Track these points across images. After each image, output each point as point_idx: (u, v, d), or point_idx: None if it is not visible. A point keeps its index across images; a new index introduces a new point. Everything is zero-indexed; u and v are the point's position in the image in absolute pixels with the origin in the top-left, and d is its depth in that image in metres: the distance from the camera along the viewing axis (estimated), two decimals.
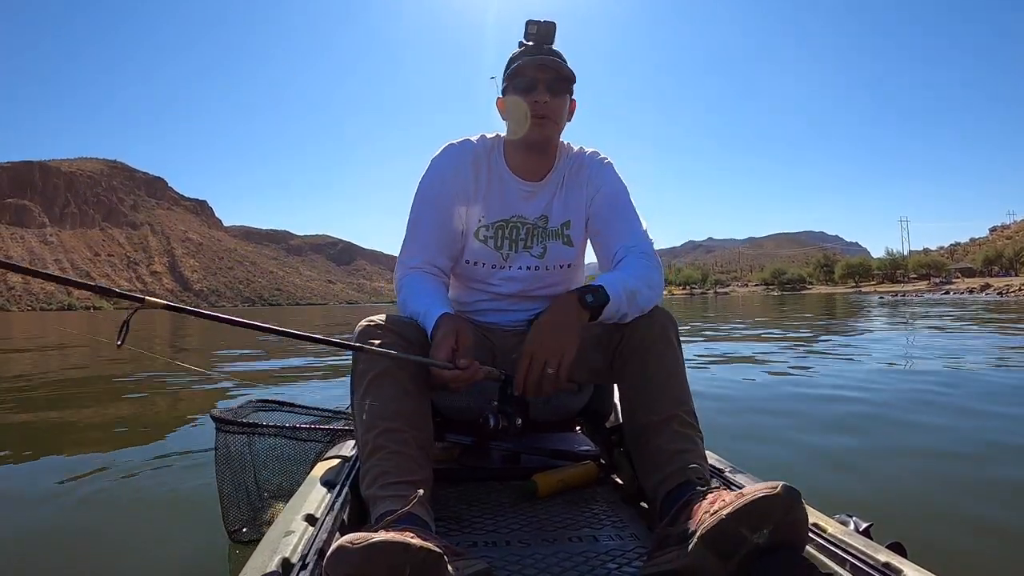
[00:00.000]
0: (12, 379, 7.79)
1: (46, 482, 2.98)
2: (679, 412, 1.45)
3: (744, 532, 1.04)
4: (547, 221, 1.81)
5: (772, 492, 1.05)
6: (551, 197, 1.82)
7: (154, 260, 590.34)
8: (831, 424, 4.15)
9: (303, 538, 1.19)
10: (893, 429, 4.00)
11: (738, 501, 1.06)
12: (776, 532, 1.05)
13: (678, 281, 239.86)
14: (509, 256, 1.80)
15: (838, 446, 3.56)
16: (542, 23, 1.69)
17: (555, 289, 1.82)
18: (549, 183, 1.81)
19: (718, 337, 11.85)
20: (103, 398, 5.64)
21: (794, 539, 1.08)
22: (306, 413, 2.30)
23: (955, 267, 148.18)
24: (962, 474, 3.03)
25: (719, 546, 1.06)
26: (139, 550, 2.17)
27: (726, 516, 1.05)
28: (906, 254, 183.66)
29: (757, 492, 1.06)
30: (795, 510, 1.06)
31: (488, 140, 1.82)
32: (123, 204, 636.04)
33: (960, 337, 10.47)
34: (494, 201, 1.79)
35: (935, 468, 3.14)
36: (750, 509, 1.04)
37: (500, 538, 1.45)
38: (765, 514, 1.04)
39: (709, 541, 1.06)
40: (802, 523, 1.09)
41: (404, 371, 1.46)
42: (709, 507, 1.13)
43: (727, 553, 1.06)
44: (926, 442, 3.64)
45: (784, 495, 1.05)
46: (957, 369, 6.63)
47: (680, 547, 1.13)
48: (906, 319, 16.70)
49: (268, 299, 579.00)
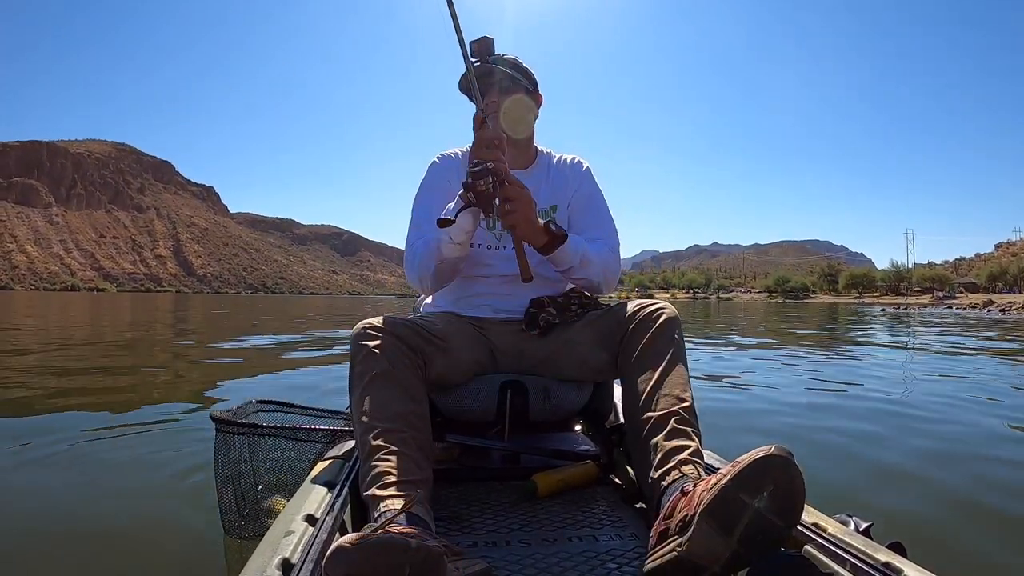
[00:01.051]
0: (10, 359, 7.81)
1: (38, 474, 2.95)
2: (677, 410, 1.44)
3: (744, 498, 1.04)
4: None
5: (767, 453, 1.06)
6: (538, 184, 1.98)
7: (159, 244, 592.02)
8: (833, 424, 4.15)
9: (303, 538, 1.19)
10: (893, 429, 4.00)
11: (735, 468, 1.07)
12: (775, 493, 1.05)
13: (681, 285, 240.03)
14: (503, 236, 1.91)
15: (839, 446, 3.57)
16: (479, 39, 1.78)
17: (544, 266, 1.88)
18: (534, 171, 2.02)
19: (718, 345, 11.83)
20: (100, 390, 5.63)
21: (793, 500, 1.08)
22: (306, 414, 2.30)
23: (959, 282, 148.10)
24: (962, 474, 3.04)
25: (720, 518, 1.06)
26: (135, 546, 2.15)
27: (725, 484, 1.06)
28: (911, 267, 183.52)
29: (753, 456, 1.06)
30: (790, 468, 1.06)
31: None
32: (130, 187, 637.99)
33: (960, 350, 10.46)
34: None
35: (935, 468, 3.14)
36: (747, 473, 1.05)
37: (500, 538, 1.45)
38: (763, 476, 1.05)
39: (711, 513, 1.06)
40: (798, 482, 1.08)
41: (403, 372, 1.48)
42: (705, 486, 1.12)
43: (729, 524, 1.05)
44: (926, 442, 3.65)
45: (778, 454, 1.06)
46: (955, 371, 6.62)
47: (681, 535, 1.12)
48: (908, 333, 16.67)
49: (271, 287, 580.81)
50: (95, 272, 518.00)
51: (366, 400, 1.44)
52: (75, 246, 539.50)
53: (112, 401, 4.86)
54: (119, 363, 7.57)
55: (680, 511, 1.16)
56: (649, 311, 1.63)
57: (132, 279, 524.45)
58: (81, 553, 2.11)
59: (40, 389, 5.49)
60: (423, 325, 1.65)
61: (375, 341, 1.51)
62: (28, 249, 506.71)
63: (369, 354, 1.49)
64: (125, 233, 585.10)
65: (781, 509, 1.06)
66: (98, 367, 7.02)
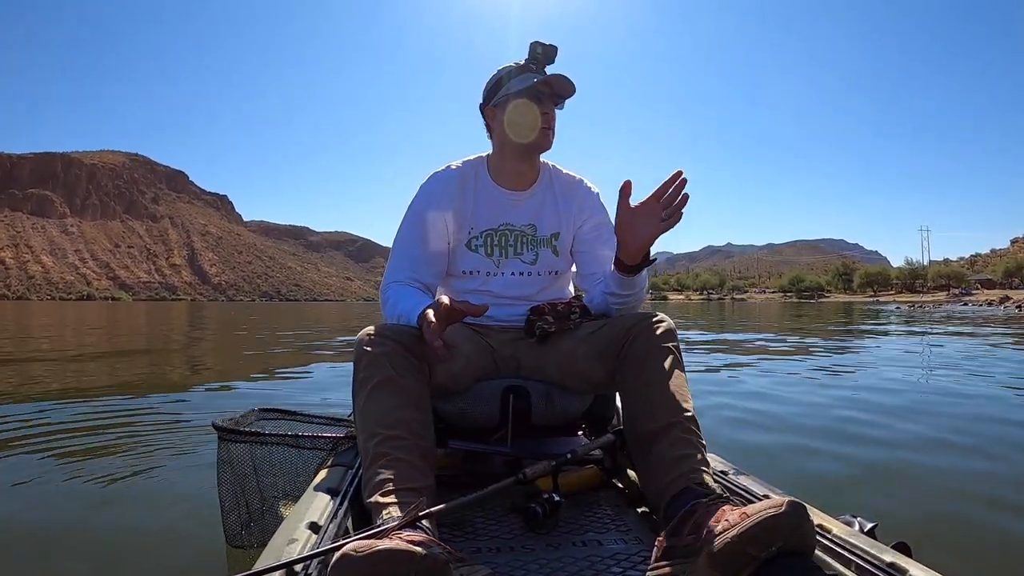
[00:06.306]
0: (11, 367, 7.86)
1: (40, 479, 2.96)
2: (680, 419, 1.43)
3: (752, 552, 1.02)
4: (535, 229, 1.94)
5: (778, 511, 1.02)
6: (539, 206, 1.95)
7: (173, 253, 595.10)
8: (834, 425, 4.14)
9: (307, 546, 1.20)
10: (897, 430, 3.98)
11: (744, 523, 1.04)
12: (785, 547, 1.03)
13: (695, 286, 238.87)
14: (501, 262, 1.91)
15: (841, 447, 3.55)
16: (547, 45, 1.82)
17: (546, 292, 1.94)
18: (536, 193, 1.95)
19: (725, 347, 11.77)
20: (104, 393, 5.66)
21: (803, 551, 1.06)
22: (309, 421, 2.29)
23: (975, 278, 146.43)
24: (967, 474, 3.02)
25: (725, 567, 1.04)
26: (136, 557, 2.15)
27: (732, 539, 1.03)
28: (926, 264, 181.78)
29: (763, 512, 1.03)
30: (803, 525, 1.04)
31: (471, 161, 1.96)
32: (144, 197, 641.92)
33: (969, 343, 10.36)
34: (482, 212, 1.91)
35: (940, 468, 3.13)
36: (757, 531, 1.02)
37: (504, 544, 1.44)
38: (773, 534, 1.02)
39: (715, 562, 1.04)
40: (810, 535, 1.06)
41: (406, 379, 1.48)
42: (714, 525, 1.10)
43: (734, 572, 1.03)
44: (930, 443, 3.64)
45: (790, 511, 1.03)
46: (962, 375, 6.60)
47: (685, 562, 1.12)
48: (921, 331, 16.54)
49: (286, 294, 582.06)
50: (110, 281, 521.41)
51: (369, 407, 1.44)
52: (90, 256, 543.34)
53: (113, 412, 4.86)
54: (118, 370, 7.60)
55: (688, 534, 1.16)
56: (646, 323, 1.62)
57: (147, 288, 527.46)
58: (82, 563, 2.10)
59: (39, 393, 5.51)
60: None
61: (379, 348, 1.51)
62: (44, 259, 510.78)
63: (373, 360, 1.49)
64: (140, 242, 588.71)
65: (791, 554, 1.04)
66: (97, 373, 7.04)
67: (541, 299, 1.91)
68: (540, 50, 1.81)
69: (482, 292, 1.91)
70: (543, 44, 1.81)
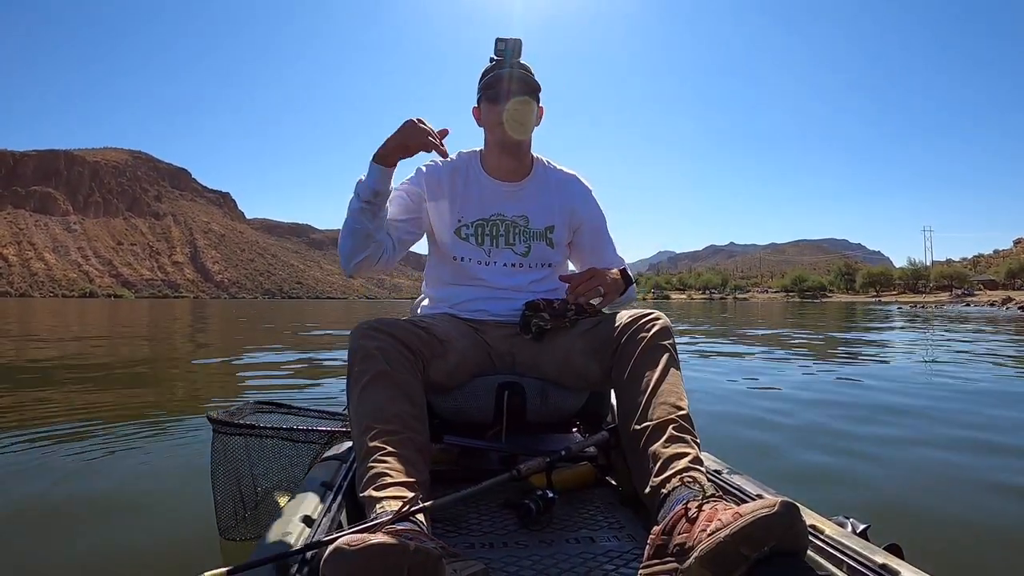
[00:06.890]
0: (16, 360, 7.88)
1: (31, 471, 2.97)
2: (674, 417, 1.44)
3: (744, 552, 1.02)
4: (528, 221, 1.98)
5: (771, 511, 1.03)
6: (532, 199, 2.00)
7: (176, 250, 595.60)
8: (832, 426, 4.13)
9: (300, 539, 1.20)
10: (892, 431, 3.98)
11: (736, 523, 1.04)
12: (777, 548, 1.03)
13: (698, 285, 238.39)
14: (492, 252, 1.95)
15: (837, 447, 3.55)
16: (510, 40, 1.88)
17: (539, 284, 1.97)
18: (528, 185, 2.01)
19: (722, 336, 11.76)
20: (99, 387, 5.66)
21: (796, 551, 1.07)
22: (303, 415, 2.30)
23: (977, 279, 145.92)
24: (959, 476, 3.02)
25: (718, 566, 1.04)
26: (129, 549, 2.14)
27: (724, 539, 1.03)
28: (929, 264, 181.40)
29: (755, 512, 1.04)
30: (795, 525, 1.04)
31: (465, 154, 2.04)
32: (147, 194, 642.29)
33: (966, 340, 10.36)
34: (472, 202, 1.96)
35: (932, 470, 3.13)
36: (749, 531, 1.02)
37: (497, 539, 1.45)
38: (765, 533, 1.02)
39: (707, 562, 1.04)
40: (803, 535, 1.07)
41: (401, 373, 1.49)
42: (706, 525, 1.10)
43: (726, 572, 1.04)
44: (923, 444, 3.63)
45: (783, 512, 1.03)
46: (954, 374, 6.61)
47: (676, 560, 1.12)
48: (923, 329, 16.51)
49: (288, 292, 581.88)
50: (113, 279, 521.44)
51: (364, 401, 1.45)
52: (93, 253, 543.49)
53: (109, 406, 4.85)
54: (114, 368, 7.60)
55: (680, 533, 1.15)
56: (642, 321, 1.63)
57: (150, 285, 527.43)
58: (73, 556, 2.09)
59: (39, 394, 5.52)
60: (422, 326, 1.66)
61: (374, 342, 1.52)
62: (47, 257, 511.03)
63: (368, 355, 1.50)
64: (142, 240, 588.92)
65: (784, 554, 1.05)
66: (92, 372, 7.05)
67: (534, 291, 1.94)
68: (503, 46, 1.87)
69: (474, 281, 1.95)
70: (506, 39, 1.87)
